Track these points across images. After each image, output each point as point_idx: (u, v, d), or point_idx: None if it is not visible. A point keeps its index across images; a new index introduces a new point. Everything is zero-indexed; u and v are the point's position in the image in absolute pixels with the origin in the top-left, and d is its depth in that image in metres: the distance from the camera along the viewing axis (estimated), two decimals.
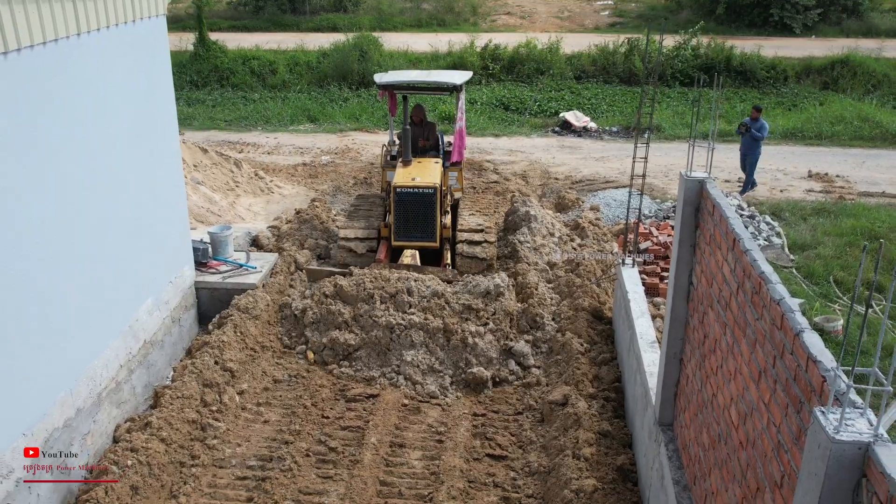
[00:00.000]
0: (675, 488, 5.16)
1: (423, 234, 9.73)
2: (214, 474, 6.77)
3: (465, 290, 8.86)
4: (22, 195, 5.75)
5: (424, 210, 9.61)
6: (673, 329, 5.45)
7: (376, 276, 8.83)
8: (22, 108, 5.73)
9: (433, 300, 8.60)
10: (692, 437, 5.10)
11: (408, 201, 9.58)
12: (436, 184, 9.63)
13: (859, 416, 2.70)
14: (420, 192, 9.55)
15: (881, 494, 2.47)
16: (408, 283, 8.72)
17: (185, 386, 7.36)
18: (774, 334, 3.53)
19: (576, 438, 6.62)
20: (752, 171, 13.83)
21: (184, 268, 8.75)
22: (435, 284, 8.77)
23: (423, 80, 10.95)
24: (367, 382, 8.13)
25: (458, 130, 10.70)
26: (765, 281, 3.70)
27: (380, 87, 10.83)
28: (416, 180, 9.70)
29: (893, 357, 2.64)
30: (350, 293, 8.68)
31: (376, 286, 8.67)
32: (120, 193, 7.26)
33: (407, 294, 8.63)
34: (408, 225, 9.69)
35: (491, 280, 8.88)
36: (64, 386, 6.40)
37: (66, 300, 6.40)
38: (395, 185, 9.63)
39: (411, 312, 8.47)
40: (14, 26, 5.47)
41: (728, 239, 4.37)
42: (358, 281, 8.78)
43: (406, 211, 9.63)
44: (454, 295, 8.74)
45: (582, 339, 8.11)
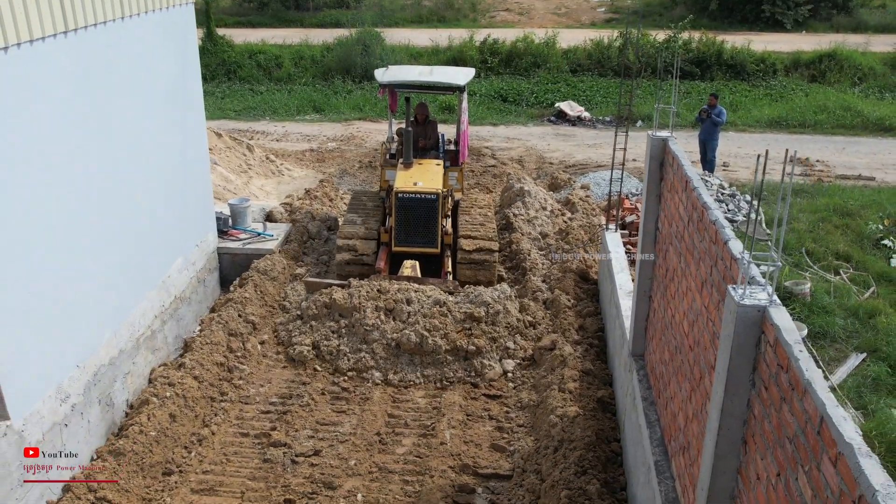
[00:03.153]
0: (643, 404, 6.01)
1: (425, 239, 9.50)
2: (241, 409, 7.64)
3: (466, 300, 8.71)
4: (84, 157, 6.61)
5: (426, 216, 9.39)
6: (642, 270, 6.30)
7: (376, 287, 8.69)
8: (83, 79, 6.58)
9: (434, 308, 8.51)
10: (657, 358, 5.95)
11: (409, 207, 9.35)
12: (438, 189, 9.43)
13: (761, 290, 3.54)
14: (422, 198, 9.33)
15: (770, 340, 3.33)
16: (408, 293, 8.64)
17: (212, 334, 8.22)
18: (711, 249, 4.38)
19: (561, 375, 7.49)
20: (714, 155, 14.68)
21: (208, 234, 9.61)
22: (436, 294, 8.69)
23: (426, 81, 10.38)
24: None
25: (462, 132, 10.48)
26: (706, 208, 4.55)
27: (381, 85, 10.38)
28: (418, 185, 9.45)
29: (778, 230, 3.47)
30: (345, 305, 8.55)
31: (371, 296, 8.60)
32: (156, 162, 8.12)
33: (406, 304, 8.56)
34: (409, 230, 9.46)
35: (493, 292, 8.75)
36: (109, 329, 7.26)
37: (111, 253, 7.25)
38: (396, 190, 9.39)
39: (412, 322, 8.37)
40: (73, 8, 6.33)
41: (682, 182, 5.22)
42: (354, 293, 8.65)
43: (407, 216, 9.39)
44: (455, 305, 8.60)
45: (569, 295, 8.97)
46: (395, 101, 11.01)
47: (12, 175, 5.71)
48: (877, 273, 10.90)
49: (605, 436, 6.75)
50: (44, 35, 6.00)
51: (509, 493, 6.56)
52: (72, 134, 6.48)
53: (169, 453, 6.84)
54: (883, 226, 12.13)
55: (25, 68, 5.80)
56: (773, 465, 3.28)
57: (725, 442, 3.72)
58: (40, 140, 6.04)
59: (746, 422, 3.66)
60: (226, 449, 7.07)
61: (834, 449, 2.64)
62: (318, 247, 10.61)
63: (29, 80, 5.86)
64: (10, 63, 5.61)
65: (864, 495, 2.40)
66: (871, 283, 10.66)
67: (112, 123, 7.14)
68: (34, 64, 5.91)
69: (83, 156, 6.66)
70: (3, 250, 5.62)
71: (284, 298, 9.29)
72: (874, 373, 8.52)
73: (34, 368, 6.10)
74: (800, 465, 2.97)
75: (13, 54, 5.64)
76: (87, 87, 6.68)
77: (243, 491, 6.53)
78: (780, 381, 3.20)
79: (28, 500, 5.97)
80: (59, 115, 6.28)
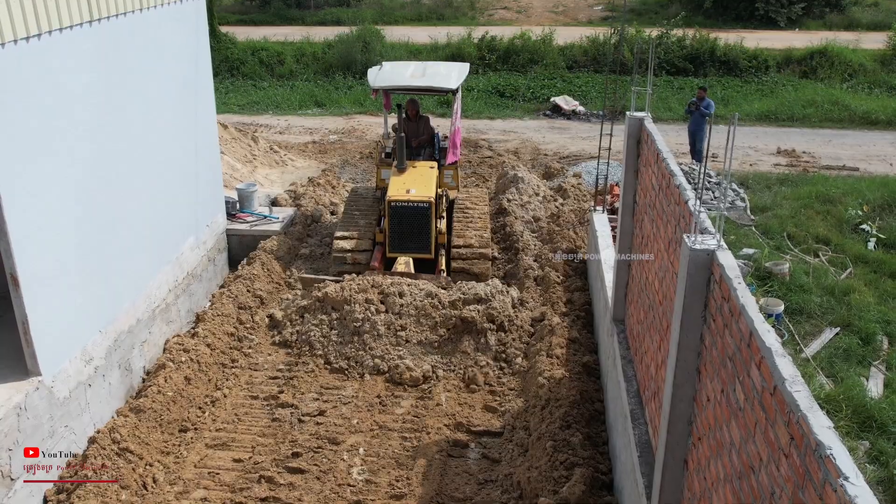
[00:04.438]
0: (622, 362, 6.55)
1: (418, 245, 9.57)
2: (250, 374, 8.19)
3: (458, 291, 8.83)
4: (106, 139, 7.15)
5: (419, 223, 9.46)
6: (622, 240, 6.83)
7: (370, 282, 8.80)
8: (105, 66, 7.11)
9: (426, 300, 8.61)
10: (635, 319, 6.49)
11: (403, 214, 9.41)
12: (431, 197, 9.46)
13: (711, 238, 4.07)
14: (415, 206, 9.38)
15: (717, 277, 3.86)
16: (400, 287, 8.72)
17: (223, 307, 8.77)
18: (676, 210, 4.92)
19: (550, 343, 8.02)
20: (703, 146, 15.20)
21: (217, 215, 10.15)
22: (429, 287, 8.80)
23: (418, 85, 10.28)
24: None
25: (454, 132, 10.47)
26: (672, 175, 5.08)
27: (374, 89, 10.40)
28: (411, 193, 9.50)
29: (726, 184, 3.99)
30: (337, 298, 8.66)
31: (363, 289, 8.70)
32: (170, 145, 8.66)
33: (399, 297, 8.65)
34: (402, 237, 9.52)
35: (486, 287, 8.84)
36: (128, 299, 7.80)
37: (130, 229, 7.79)
38: (389, 198, 9.44)
39: (404, 314, 8.48)
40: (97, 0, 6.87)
41: (654, 155, 5.75)
42: (347, 287, 8.77)
43: (401, 223, 9.46)
44: (447, 296, 8.72)
45: (559, 272, 9.50)
46: (389, 101, 11.10)
47: (44, 153, 6.24)
48: (854, 255, 11.43)
49: (590, 396, 7.28)
50: (72, 24, 6.54)
51: (500, 447, 7.10)
52: (95, 117, 7.01)
53: (184, 412, 7.38)
54: (862, 211, 12.66)
55: (56, 54, 6.33)
56: (718, 384, 3.81)
57: (682, 372, 4.24)
58: (68, 121, 6.58)
59: (700, 354, 4.19)
60: (237, 410, 7.61)
61: (758, 355, 3.18)
62: (322, 230, 11.14)
63: (58, 66, 6.39)
64: (42, 50, 6.14)
65: (777, 385, 2.94)
66: (848, 265, 11.20)
67: (131, 108, 7.68)
68: (64, 50, 6.45)
69: (106, 138, 7.19)
70: (36, 224, 6.16)
71: (290, 276, 9.83)
72: (846, 344, 9.06)
73: (62, 331, 6.64)
74: (737, 377, 3.50)
75: (45, 41, 6.17)
76: (108, 73, 7.21)
77: (253, 446, 7.07)
78: (724, 310, 3.73)
79: (57, 450, 6.50)
80: (84, 98, 6.81)
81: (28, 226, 6.04)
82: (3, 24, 5.62)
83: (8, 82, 5.75)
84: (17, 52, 5.84)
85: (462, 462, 6.95)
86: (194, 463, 6.85)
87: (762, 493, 3.11)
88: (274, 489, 6.49)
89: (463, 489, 6.59)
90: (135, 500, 6.29)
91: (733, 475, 3.51)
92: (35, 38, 6.04)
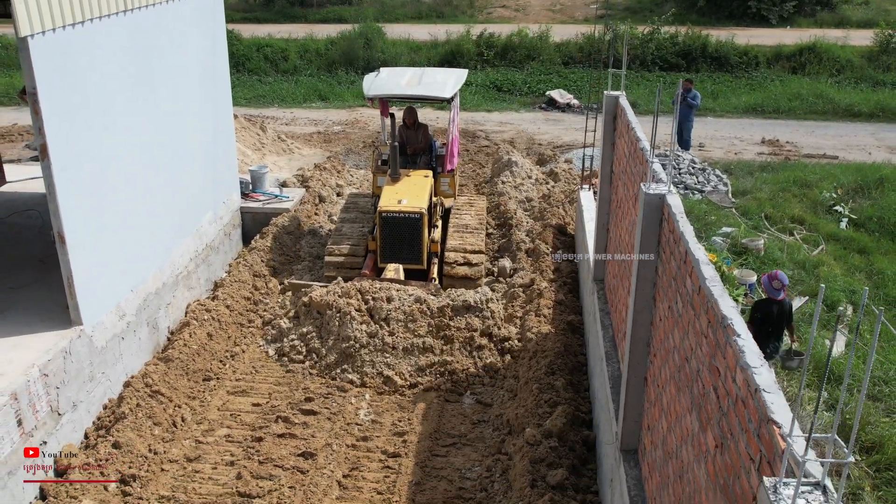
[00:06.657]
0: (600, 314, 7.34)
1: (410, 256, 9.50)
2: (265, 333, 8.96)
3: (447, 298, 8.86)
4: (136, 120, 7.94)
5: (411, 234, 9.40)
6: (601, 205, 7.63)
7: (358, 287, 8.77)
8: (134, 53, 7.91)
9: (415, 305, 8.61)
10: (611, 275, 7.28)
11: (394, 225, 9.33)
12: (422, 208, 9.34)
13: (664, 185, 4.86)
14: (406, 217, 9.29)
15: (666, 215, 4.65)
16: (389, 292, 8.71)
17: (240, 274, 9.59)
18: (640, 170, 5.70)
19: (538, 304, 8.81)
20: (689, 135, 15.98)
21: (232, 193, 10.95)
22: (418, 293, 8.79)
23: (413, 94, 10.23)
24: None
25: (451, 140, 10.50)
26: (637, 140, 5.87)
27: (369, 98, 10.35)
28: (402, 203, 9.37)
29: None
30: (321, 303, 8.65)
31: (350, 294, 8.66)
32: (192, 127, 9.46)
33: (386, 302, 8.61)
34: (394, 248, 9.45)
35: (475, 294, 8.89)
36: (155, 265, 8.59)
37: (157, 202, 8.58)
38: (380, 209, 9.36)
39: (391, 318, 8.48)
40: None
41: (626, 126, 6.54)
42: (334, 291, 8.78)
43: (392, 234, 9.39)
44: (436, 301, 8.74)
45: (548, 244, 10.30)
46: (385, 108, 10.94)
47: (88, 128, 7.04)
48: (827, 234, 12.24)
49: (573, 350, 8.08)
50: (109, 13, 7.33)
51: (491, 393, 7.89)
52: (130, 98, 7.80)
53: (207, 364, 8.18)
54: (836, 194, 13.45)
55: (97, 40, 7.13)
56: (664, 302, 4.60)
57: (641, 300, 5.04)
58: (109, 101, 7.38)
59: (655, 284, 4.98)
60: (254, 363, 8.41)
61: (690, 267, 3.97)
62: (329, 208, 11.92)
63: (98, 50, 7.18)
64: (86, 35, 6.93)
65: (701, 286, 3.73)
66: (821, 243, 11.99)
67: (160, 92, 8.48)
68: (103, 36, 7.24)
69: (139, 118, 7.98)
70: (80, 190, 6.95)
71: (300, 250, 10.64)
72: (812, 310, 9.85)
73: (100, 287, 7.43)
74: (677, 292, 4.29)
75: (88, 27, 6.96)
76: (139, 59, 8.01)
77: (270, 393, 7.87)
78: (671, 241, 4.52)
79: (95, 393, 7.30)
80: (120, 80, 7.61)
81: (73, 191, 6.83)
82: (64, 7, 6.40)
83: (58, 62, 6.54)
84: (66, 38, 6.63)
85: (457, 406, 7.75)
86: (217, 406, 7.64)
87: (692, 374, 3.90)
88: (290, 427, 7.28)
89: (458, 427, 7.39)
90: (166, 436, 7.09)
91: (676, 371, 4.30)
92: (80, 24, 6.83)
